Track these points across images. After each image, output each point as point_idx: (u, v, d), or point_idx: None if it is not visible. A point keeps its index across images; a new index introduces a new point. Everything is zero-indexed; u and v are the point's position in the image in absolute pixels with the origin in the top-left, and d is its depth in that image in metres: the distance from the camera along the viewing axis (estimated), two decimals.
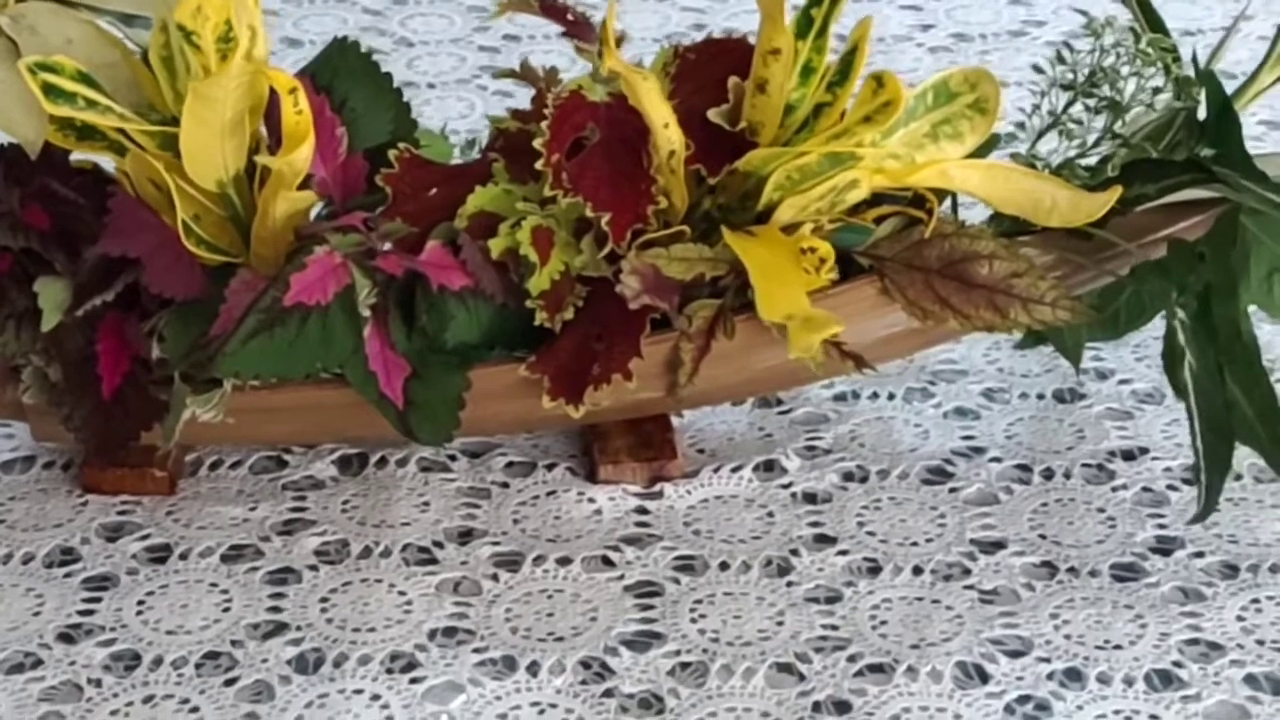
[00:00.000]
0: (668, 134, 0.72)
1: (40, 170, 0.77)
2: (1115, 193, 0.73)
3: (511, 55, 1.18)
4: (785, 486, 0.82)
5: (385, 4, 1.25)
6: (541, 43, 1.18)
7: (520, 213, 0.75)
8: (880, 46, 1.19)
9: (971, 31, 1.21)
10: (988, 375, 0.88)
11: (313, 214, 0.79)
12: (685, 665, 0.72)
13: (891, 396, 0.87)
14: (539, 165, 0.74)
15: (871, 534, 0.79)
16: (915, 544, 0.78)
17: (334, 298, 0.74)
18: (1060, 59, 0.74)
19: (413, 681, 0.71)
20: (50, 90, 0.72)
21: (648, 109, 0.71)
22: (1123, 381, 0.88)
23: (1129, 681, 0.71)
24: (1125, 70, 0.74)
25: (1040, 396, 0.87)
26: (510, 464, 0.83)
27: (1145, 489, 0.81)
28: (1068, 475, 0.82)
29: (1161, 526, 0.79)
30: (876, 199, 0.77)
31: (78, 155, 0.78)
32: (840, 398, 0.87)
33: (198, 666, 0.72)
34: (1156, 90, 0.74)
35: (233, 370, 0.73)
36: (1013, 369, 0.89)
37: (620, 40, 0.81)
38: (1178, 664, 0.71)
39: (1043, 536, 0.78)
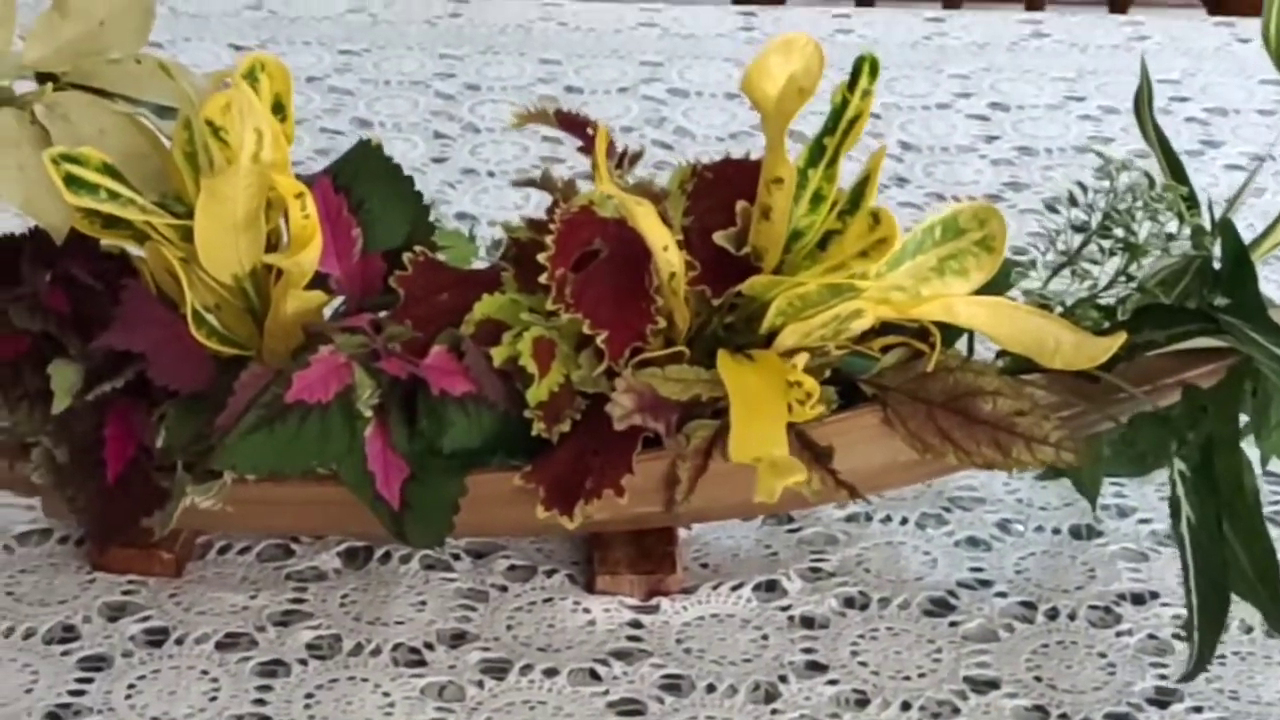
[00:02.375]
0: (668, 257, 0.72)
1: (66, 254, 0.79)
2: (1120, 339, 0.72)
3: (572, 147, 1.19)
4: (784, 609, 0.81)
5: (459, 89, 1.27)
6: None
7: (524, 323, 0.76)
8: (944, 156, 1.19)
9: (1037, 145, 1.20)
10: (1005, 505, 0.87)
11: (330, 310, 0.80)
12: None
13: (904, 521, 0.86)
14: (543, 279, 0.74)
15: (864, 664, 0.78)
16: (908, 678, 0.77)
17: (334, 397, 0.75)
18: (1073, 200, 0.73)
19: None
20: (72, 181, 0.74)
21: (646, 233, 0.72)
22: (1142, 520, 0.86)
23: None
24: (1140, 214, 0.73)
25: (1056, 531, 0.86)
26: (512, 567, 0.83)
27: (1150, 636, 0.79)
28: (1072, 616, 0.80)
29: (1162, 677, 0.77)
30: (885, 327, 0.76)
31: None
32: (852, 519, 0.86)
33: None
34: (1170, 236, 0.73)
35: (230, 463, 0.74)
36: (1031, 500, 0.87)
37: (637, 158, 0.82)
38: None
39: (1038, 679, 0.77)
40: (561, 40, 1.34)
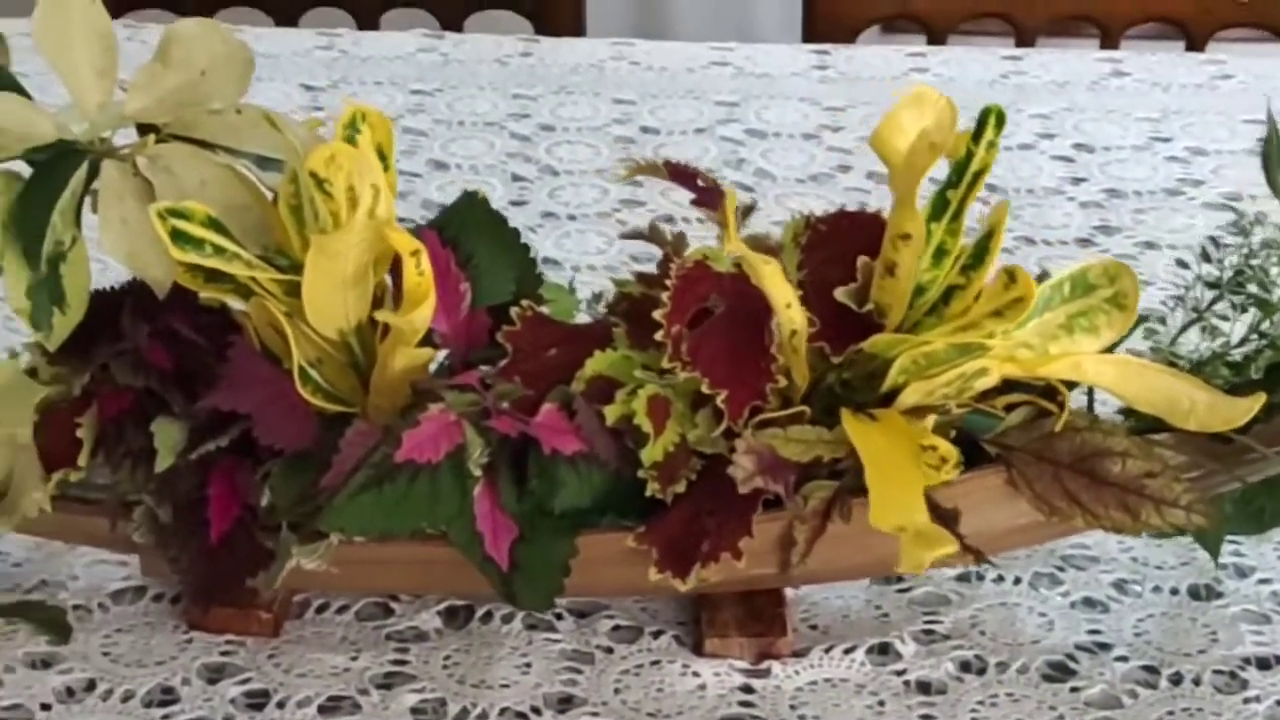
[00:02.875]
0: (790, 314, 0.71)
1: (166, 308, 0.77)
2: (1259, 400, 0.69)
3: (653, 190, 1.17)
4: (899, 673, 0.79)
5: (534, 130, 1.25)
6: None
7: (638, 380, 0.74)
8: (1030, 198, 1.17)
9: (1125, 188, 1.17)
10: (1120, 564, 0.85)
11: (435, 364, 0.78)
12: None
13: (1017, 581, 0.84)
14: (658, 336, 0.72)
15: None
16: None
17: (444, 456, 0.73)
18: (1206, 256, 0.71)
19: None
20: (178, 236, 0.72)
21: (770, 290, 0.70)
22: (1262, 581, 0.84)
23: None
24: (1275, 270, 0.71)
25: (1174, 591, 0.83)
26: (616, 627, 0.81)
27: (1278, 703, 0.77)
28: (1197, 682, 0.78)
29: None
30: (1007, 385, 0.74)
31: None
32: (963, 578, 0.84)
33: None
34: None
35: (339, 525, 0.73)
36: (1147, 559, 0.85)
37: (749, 211, 0.80)
38: None
39: None
40: (635, 79, 1.33)
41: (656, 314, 0.72)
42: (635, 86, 1.32)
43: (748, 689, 0.78)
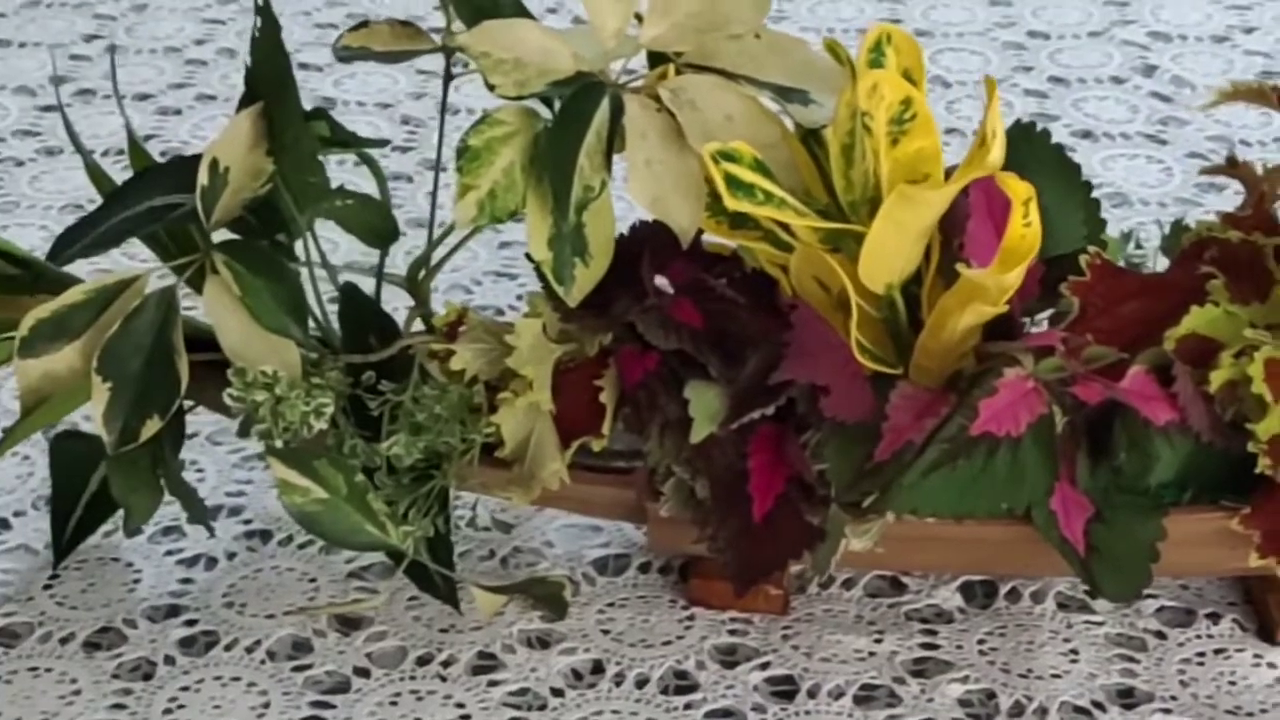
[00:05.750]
0: None
1: (674, 258, 0.70)
2: None
3: (1064, 103, 1.08)
4: None
5: None
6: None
7: (1248, 341, 0.65)
8: None
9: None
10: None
11: None
12: None
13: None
14: None
15: None
16: None
17: (1026, 428, 0.65)
18: None
19: None
20: (731, 182, 0.64)
21: None
22: None
23: None
24: None
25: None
26: (1161, 609, 0.73)
27: None
28: None
29: None
30: None
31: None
32: None
33: None
34: None
35: (910, 506, 0.65)
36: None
37: None
38: None
39: None
40: None
41: None
42: None
43: None
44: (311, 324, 0.70)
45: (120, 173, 1.05)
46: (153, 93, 1.12)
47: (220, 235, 0.70)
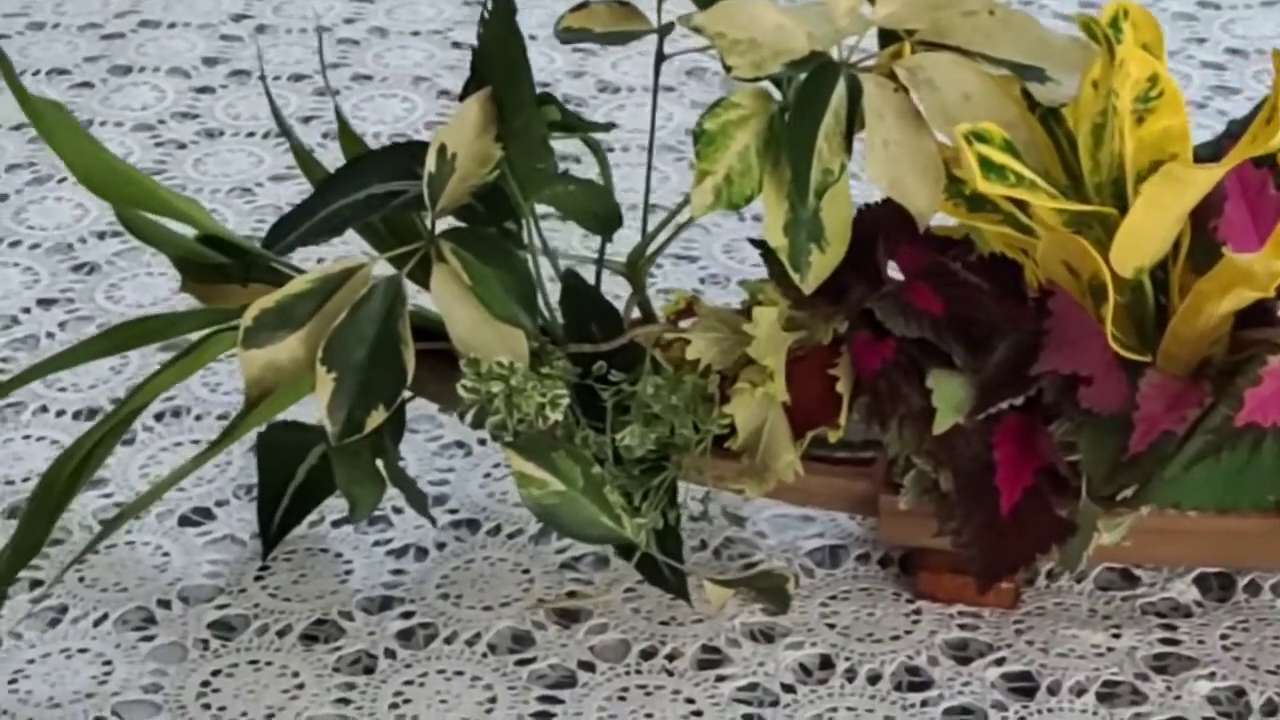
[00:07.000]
0: None
1: (913, 242, 0.68)
2: None
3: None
4: None
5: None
6: None
7: None
8: None
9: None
10: None
11: None
12: None
13: None
14: None
15: None
16: None
17: None
18: None
19: None
20: (984, 164, 0.62)
21: None
22: None
23: None
24: None
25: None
26: None
27: None
28: None
29: None
30: None
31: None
32: None
33: None
34: None
35: (1173, 500, 0.63)
36: None
37: None
38: None
39: None
40: None
41: None
42: None
43: None
44: None
45: (279, 156, 1.04)
46: (306, 73, 1.11)
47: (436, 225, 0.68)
